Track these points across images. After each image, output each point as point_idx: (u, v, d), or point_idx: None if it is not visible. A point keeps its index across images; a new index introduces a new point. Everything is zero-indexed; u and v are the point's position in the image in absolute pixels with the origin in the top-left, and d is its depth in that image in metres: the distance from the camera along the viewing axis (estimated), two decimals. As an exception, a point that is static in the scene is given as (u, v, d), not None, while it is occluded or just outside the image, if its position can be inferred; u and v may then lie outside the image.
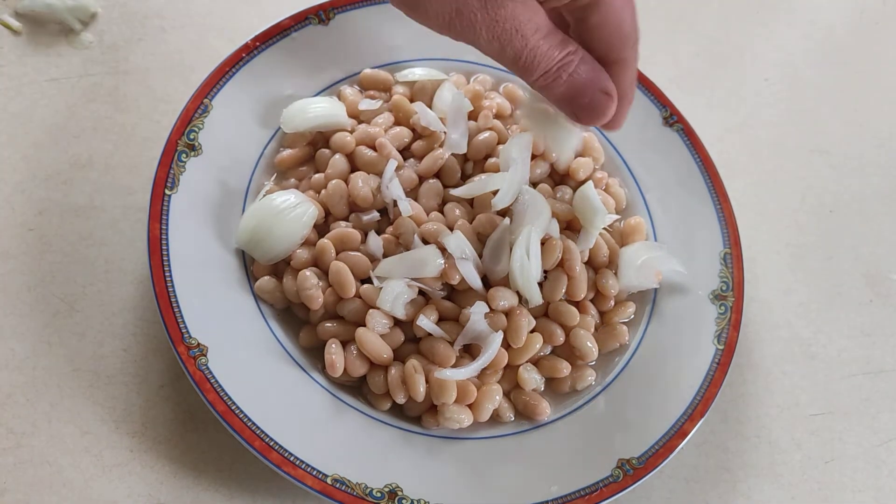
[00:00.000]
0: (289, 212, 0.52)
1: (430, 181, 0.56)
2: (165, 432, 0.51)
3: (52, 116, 0.61)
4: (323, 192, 0.55)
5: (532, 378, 0.52)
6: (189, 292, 0.49)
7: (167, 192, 0.52)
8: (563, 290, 0.54)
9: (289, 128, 0.57)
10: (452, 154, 0.56)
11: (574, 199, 0.56)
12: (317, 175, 0.56)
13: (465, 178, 0.57)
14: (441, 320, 0.52)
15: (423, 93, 0.60)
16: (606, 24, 0.40)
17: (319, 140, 0.58)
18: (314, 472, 0.46)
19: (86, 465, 0.49)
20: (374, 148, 0.56)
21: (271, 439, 0.46)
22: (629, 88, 0.44)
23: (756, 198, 0.68)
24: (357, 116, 0.59)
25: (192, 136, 0.55)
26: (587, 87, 0.40)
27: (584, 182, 0.56)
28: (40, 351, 0.52)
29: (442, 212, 0.54)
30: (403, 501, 0.47)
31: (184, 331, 0.48)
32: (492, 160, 0.57)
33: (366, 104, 0.59)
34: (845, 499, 0.56)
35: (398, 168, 0.55)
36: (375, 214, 0.54)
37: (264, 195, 0.54)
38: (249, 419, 0.47)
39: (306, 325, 0.53)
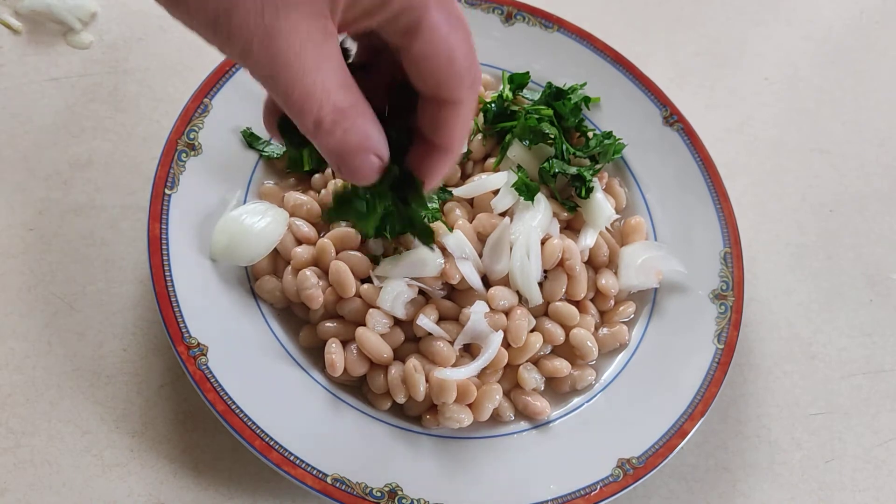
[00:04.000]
0: (257, 224, 0.52)
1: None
2: (165, 432, 0.51)
3: (52, 116, 0.61)
4: (323, 191, 0.55)
5: (532, 378, 0.52)
6: (189, 292, 0.49)
7: (167, 191, 0.52)
8: (563, 290, 0.54)
9: (289, 127, 0.57)
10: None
11: (581, 200, 0.56)
12: (316, 175, 0.57)
13: (465, 177, 0.57)
14: (441, 320, 0.52)
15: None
16: (433, 55, 0.32)
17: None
18: (314, 472, 0.46)
19: (86, 465, 0.49)
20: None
21: (271, 439, 0.46)
22: (456, 138, 0.35)
23: (756, 197, 0.68)
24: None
25: (192, 136, 0.55)
26: (360, 149, 0.33)
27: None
28: (40, 350, 0.52)
29: (442, 211, 0.54)
30: (403, 501, 0.47)
31: (184, 330, 0.48)
32: (491, 160, 0.57)
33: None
34: (845, 498, 0.56)
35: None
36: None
37: (233, 208, 0.54)
38: (249, 419, 0.47)
39: (306, 325, 0.53)
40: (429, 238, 0.41)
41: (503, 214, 0.54)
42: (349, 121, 0.32)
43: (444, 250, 0.52)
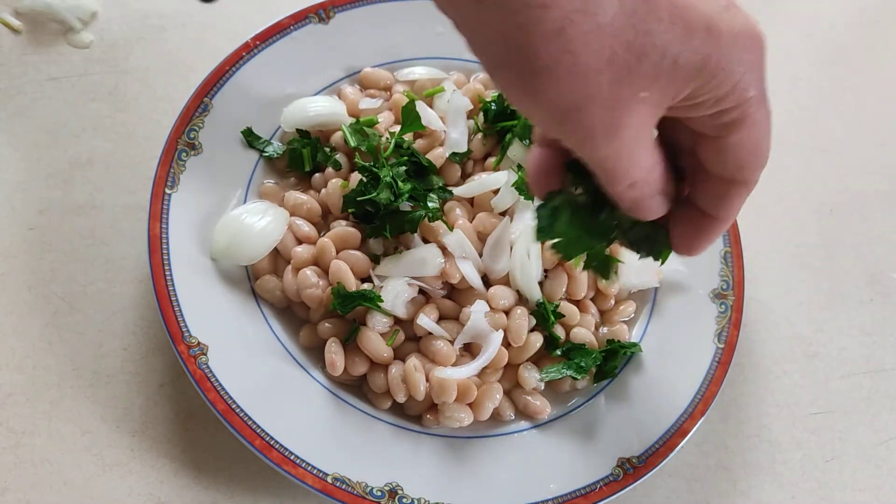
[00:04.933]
0: (257, 223, 0.52)
1: (431, 180, 0.56)
2: (166, 431, 0.51)
3: (52, 115, 0.61)
4: (323, 191, 0.55)
5: (532, 377, 0.52)
6: (189, 291, 0.50)
7: (167, 191, 0.52)
8: (564, 289, 0.54)
9: (289, 126, 0.57)
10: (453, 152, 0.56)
11: None
12: (317, 175, 0.57)
13: (465, 176, 0.57)
14: (441, 319, 0.52)
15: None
16: (745, 143, 0.32)
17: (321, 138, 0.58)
18: (314, 471, 0.46)
19: (86, 464, 0.49)
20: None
21: (272, 438, 0.46)
22: (734, 213, 0.36)
23: (756, 197, 0.67)
24: (357, 115, 0.59)
25: (192, 135, 0.55)
26: (651, 198, 0.34)
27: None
28: (40, 350, 0.52)
29: (443, 210, 0.54)
30: (404, 500, 0.47)
31: (184, 329, 0.48)
32: (491, 159, 0.57)
33: (366, 103, 0.59)
34: (845, 498, 0.56)
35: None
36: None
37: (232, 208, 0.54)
38: (250, 418, 0.47)
39: (306, 324, 0.53)
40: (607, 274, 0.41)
41: (503, 214, 0.54)
42: (653, 178, 0.33)
43: (444, 249, 0.52)
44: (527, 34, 0.26)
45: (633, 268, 0.56)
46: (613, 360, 0.53)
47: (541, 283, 0.53)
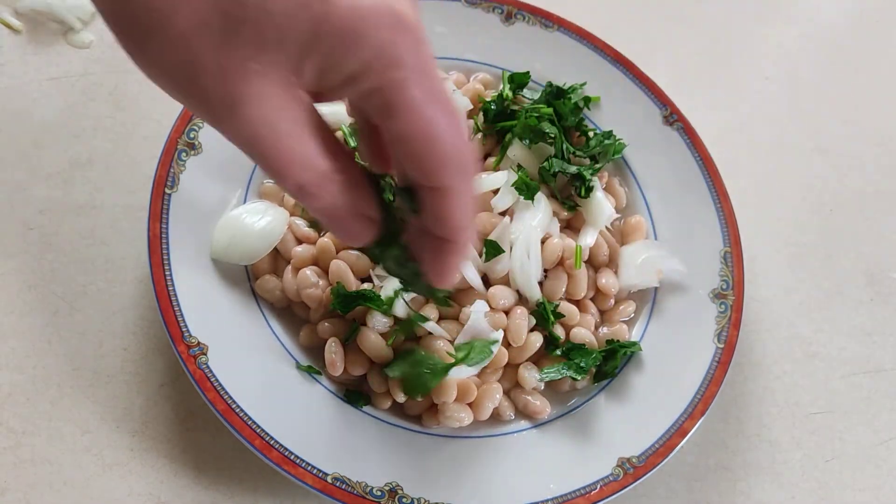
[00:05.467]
0: (257, 223, 0.52)
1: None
2: (166, 431, 0.51)
3: (52, 115, 0.61)
4: (323, 190, 0.55)
5: (532, 377, 0.52)
6: (189, 291, 0.50)
7: (167, 190, 0.52)
8: (564, 290, 0.54)
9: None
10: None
11: (581, 199, 0.56)
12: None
13: (465, 176, 0.57)
14: (441, 319, 0.52)
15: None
16: (411, 138, 0.29)
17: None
18: (314, 471, 0.46)
19: (86, 464, 0.49)
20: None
21: (272, 438, 0.46)
22: (456, 228, 0.32)
23: (756, 196, 0.68)
24: (357, 115, 0.58)
25: (192, 135, 0.55)
26: (349, 213, 0.31)
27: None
28: (40, 350, 0.52)
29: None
30: (404, 500, 0.47)
31: (184, 329, 0.48)
32: (491, 159, 0.57)
33: (366, 103, 0.59)
34: (845, 498, 0.56)
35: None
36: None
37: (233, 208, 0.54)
38: (250, 418, 0.47)
39: (306, 324, 0.53)
40: (443, 303, 0.42)
41: (503, 214, 0.54)
42: (334, 185, 0.30)
43: (444, 249, 0.52)
44: (151, 38, 0.26)
45: (634, 267, 0.56)
46: (613, 360, 0.53)
47: (541, 283, 0.53)
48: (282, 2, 0.26)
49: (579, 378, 0.52)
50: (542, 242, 0.54)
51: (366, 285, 0.51)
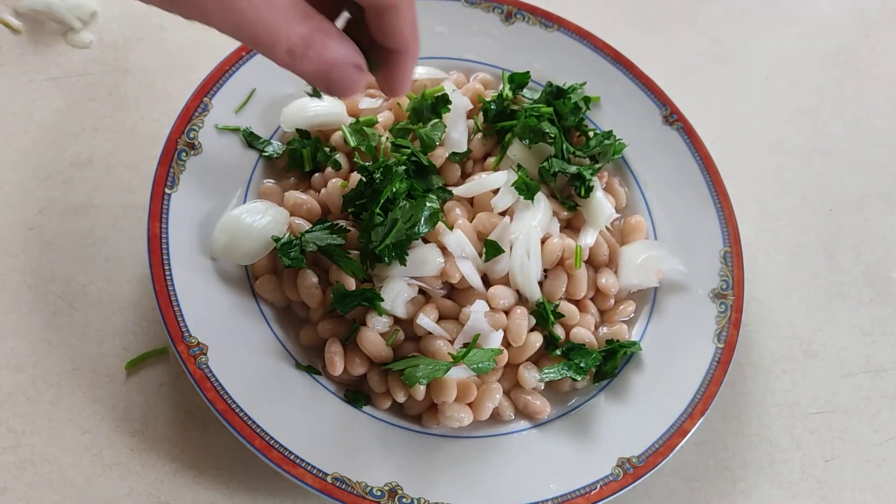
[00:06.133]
0: (257, 223, 0.52)
1: (431, 180, 0.56)
2: (165, 431, 0.51)
3: (52, 115, 0.61)
4: (323, 191, 0.55)
5: (532, 377, 0.52)
6: (189, 291, 0.49)
7: (167, 190, 0.52)
8: (564, 289, 0.54)
9: (289, 126, 0.57)
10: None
11: (581, 199, 0.56)
12: (316, 174, 0.57)
13: (465, 176, 0.57)
14: (441, 319, 0.52)
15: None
16: None
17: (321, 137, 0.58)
18: (314, 471, 0.46)
19: (86, 464, 0.49)
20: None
21: (271, 438, 0.46)
22: (409, 38, 0.38)
23: (756, 196, 0.68)
24: (357, 115, 0.59)
25: (192, 135, 0.55)
26: (336, 64, 0.35)
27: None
28: (40, 350, 0.52)
29: (442, 210, 0.54)
30: (403, 500, 0.47)
31: (184, 329, 0.48)
32: (491, 159, 0.57)
33: (366, 103, 0.59)
34: (845, 497, 0.56)
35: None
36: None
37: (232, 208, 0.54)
38: (249, 418, 0.47)
39: (307, 324, 0.53)
40: None
41: (503, 213, 0.54)
42: (318, 43, 0.34)
43: (444, 249, 0.52)
44: None
45: (634, 267, 0.56)
46: (613, 360, 0.53)
47: (540, 283, 0.53)
48: None
49: (579, 378, 0.52)
50: (542, 242, 0.54)
51: (366, 285, 0.51)
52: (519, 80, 0.62)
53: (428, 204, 0.49)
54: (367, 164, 0.54)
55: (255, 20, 0.32)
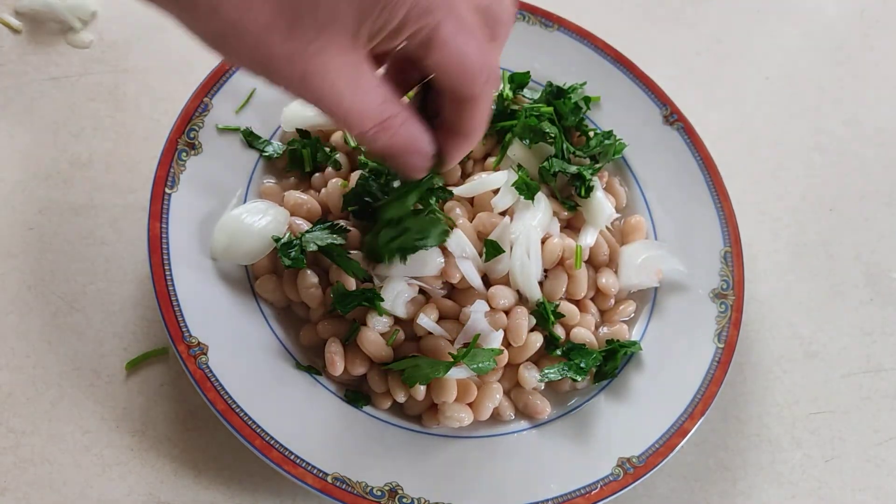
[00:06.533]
0: (257, 223, 0.52)
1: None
2: (166, 431, 0.51)
3: (52, 115, 0.61)
4: (323, 190, 0.55)
5: (532, 377, 0.52)
6: (189, 291, 0.49)
7: (167, 190, 0.52)
8: (564, 289, 0.54)
9: (289, 126, 0.57)
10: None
11: (581, 199, 0.56)
12: (317, 174, 0.57)
13: (465, 176, 0.57)
14: (441, 319, 0.52)
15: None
16: (446, 62, 0.36)
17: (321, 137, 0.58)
18: (314, 471, 0.46)
19: (86, 464, 0.49)
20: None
21: (272, 438, 0.46)
22: (476, 127, 0.40)
23: (756, 196, 0.68)
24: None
25: (192, 135, 0.55)
26: (406, 150, 0.38)
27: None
28: (40, 350, 0.52)
29: (442, 210, 0.54)
30: (404, 500, 0.47)
31: (184, 329, 0.48)
32: (491, 159, 0.57)
33: (366, 103, 0.59)
34: (845, 497, 0.56)
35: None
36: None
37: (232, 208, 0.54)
38: (249, 418, 0.47)
39: (307, 324, 0.52)
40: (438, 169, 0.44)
41: (503, 213, 0.54)
42: (392, 129, 0.36)
43: (444, 249, 0.52)
44: (197, 18, 0.32)
45: (634, 267, 0.56)
46: (613, 360, 0.53)
47: (541, 283, 0.53)
48: None
49: (579, 378, 0.52)
50: (542, 242, 0.54)
51: (366, 285, 0.51)
52: (519, 80, 0.62)
53: (441, 225, 0.50)
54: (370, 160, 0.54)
55: (336, 105, 0.34)
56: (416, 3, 0.34)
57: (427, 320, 0.50)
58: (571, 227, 0.58)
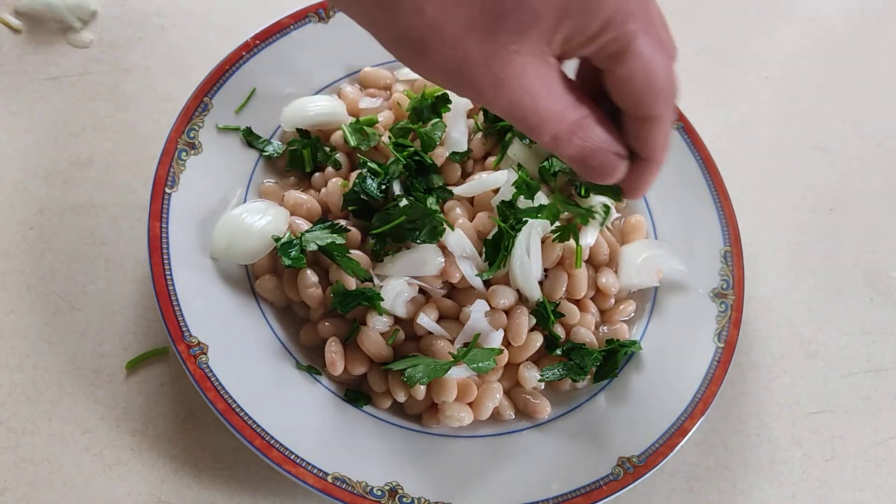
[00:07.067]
0: (257, 222, 0.52)
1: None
2: (166, 430, 0.51)
3: (52, 115, 0.61)
4: (323, 190, 0.55)
5: (532, 376, 0.52)
6: (189, 291, 0.50)
7: (167, 190, 0.52)
8: (564, 289, 0.54)
9: (289, 126, 0.57)
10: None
11: (581, 198, 0.56)
12: (317, 174, 0.57)
13: (465, 176, 0.57)
14: (441, 318, 0.52)
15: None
16: (634, 78, 0.35)
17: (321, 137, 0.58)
18: (315, 471, 0.46)
19: (86, 464, 0.49)
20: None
21: (272, 437, 0.46)
22: (659, 149, 0.38)
23: (756, 196, 0.68)
24: (357, 115, 0.59)
25: (192, 135, 0.55)
26: (599, 151, 0.37)
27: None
28: (41, 349, 0.52)
29: (443, 210, 0.54)
30: (404, 499, 0.47)
31: (184, 329, 0.48)
32: (491, 159, 0.57)
33: (366, 102, 0.59)
34: (845, 497, 0.56)
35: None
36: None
37: (233, 207, 0.54)
38: (250, 417, 0.47)
39: (307, 324, 0.53)
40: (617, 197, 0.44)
41: (503, 213, 0.54)
42: (583, 131, 0.35)
43: (444, 249, 0.52)
44: (397, 18, 0.31)
45: (634, 267, 0.56)
46: (613, 360, 0.53)
47: (541, 283, 0.53)
48: None
49: (579, 378, 0.52)
50: (542, 242, 0.54)
51: (366, 285, 0.51)
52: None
53: (436, 224, 0.50)
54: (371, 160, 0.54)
55: (531, 109, 0.34)
56: (618, 10, 0.33)
57: (427, 320, 0.50)
58: (571, 226, 0.58)
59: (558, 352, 0.53)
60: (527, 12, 0.31)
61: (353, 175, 0.54)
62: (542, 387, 0.53)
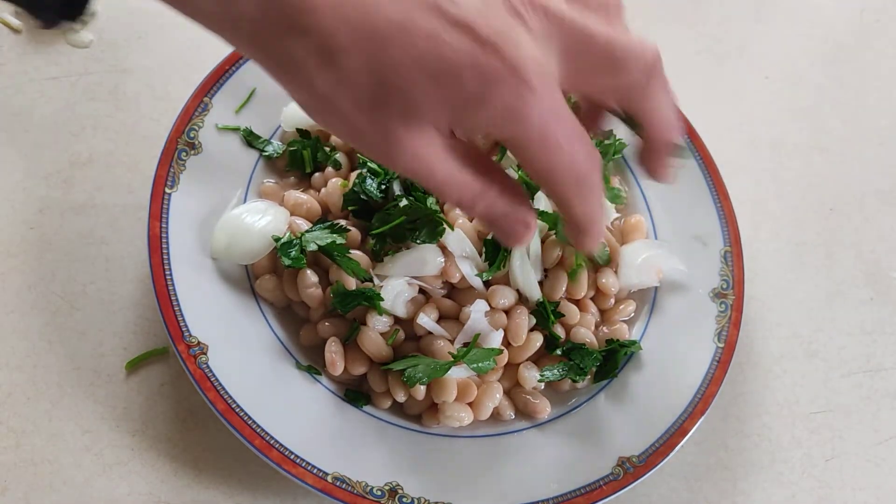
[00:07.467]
0: (257, 222, 0.52)
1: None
2: (166, 431, 0.51)
3: (52, 115, 0.61)
4: (323, 190, 0.55)
5: (532, 376, 0.52)
6: (189, 291, 0.49)
7: (167, 190, 0.52)
8: (564, 289, 0.54)
9: (289, 126, 0.57)
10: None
11: None
12: (317, 174, 0.57)
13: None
14: (441, 318, 0.52)
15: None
16: (534, 163, 0.35)
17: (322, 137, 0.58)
18: (315, 471, 0.46)
19: (86, 464, 0.49)
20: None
21: (272, 437, 0.46)
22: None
23: (756, 196, 0.68)
24: (357, 115, 0.58)
25: (192, 135, 0.55)
26: (504, 219, 0.36)
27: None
28: (41, 349, 0.52)
29: (442, 210, 0.54)
30: (404, 499, 0.47)
31: (184, 329, 0.48)
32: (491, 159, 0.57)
33: (366, 102, 0.59)
34: (845, 497, 0.56)
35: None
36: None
37: (233, 208, 0.54)
38: (250, 417, 0.47)
39: (307, 324, 0.53)
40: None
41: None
42: (487, 199, 0.35)
43: (444, 249, 0.52)
44: (299, 87, 0.33)
45: (634, 267, 0.56)
46: (613, 360, 0.53)
47: (541, 283, 0.53)
48: (418, 87, 0.31)
49: (579, 378, 0.52)
50: (543, 242, 0.54)
51: (366, 284, 0.51)
52: (519, 80, 0.62)
53: (436, 224, 0.50)
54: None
55: (429, 179, 0.34)
56: (502, 105, 0.32)
57: (427, 320, 0.50)
58: (571, 226, 0.58)
59: (558, 352, 0.53)
60: (409, 102, 0.31)
61: (353, 175, 0.54)
62: (542, 387, 0.53)
